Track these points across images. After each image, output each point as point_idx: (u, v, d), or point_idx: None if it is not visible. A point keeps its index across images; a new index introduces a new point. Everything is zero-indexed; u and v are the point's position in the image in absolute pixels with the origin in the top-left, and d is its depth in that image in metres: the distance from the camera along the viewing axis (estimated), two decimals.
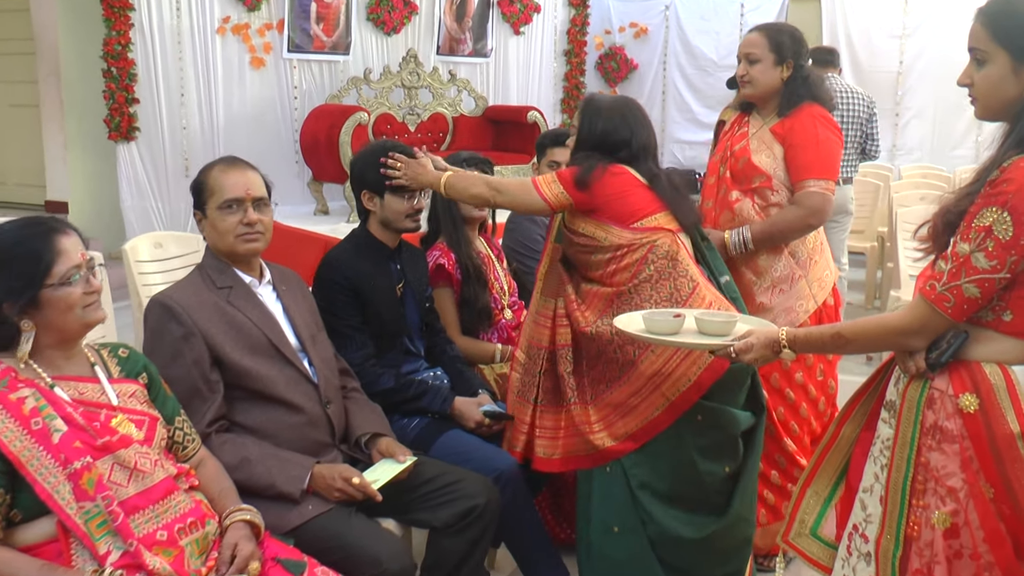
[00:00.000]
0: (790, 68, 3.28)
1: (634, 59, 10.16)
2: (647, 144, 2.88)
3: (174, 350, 2.43)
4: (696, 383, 2.66)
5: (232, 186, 2.55)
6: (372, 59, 7.84)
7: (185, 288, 2.55)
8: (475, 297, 3.45)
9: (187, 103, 6.89)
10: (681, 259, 2.77)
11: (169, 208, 6.92)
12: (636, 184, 2.83)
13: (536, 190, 2.82)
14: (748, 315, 2.65)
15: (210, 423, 2.43)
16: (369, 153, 3.12)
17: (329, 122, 6.67)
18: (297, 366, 2.57)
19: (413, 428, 3.00)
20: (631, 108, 2.92)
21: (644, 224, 2.78)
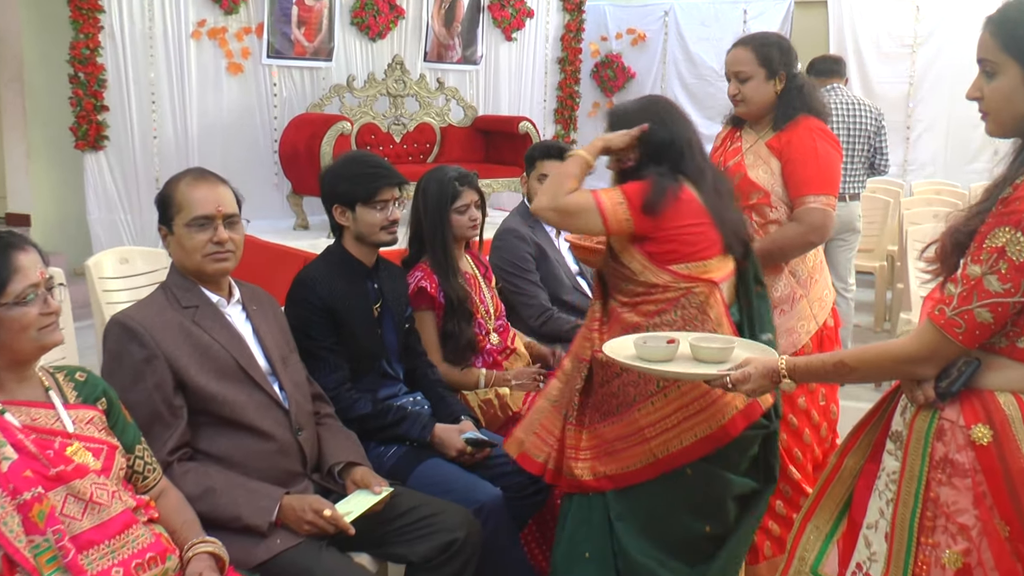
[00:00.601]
0: (783, 80, 3.29)
1: (631, 67, 10.21)
2: (689, 139, 2.76)
3: (135, 373, 2.41)
4: (686, 449, 2.60)
5: (201, 202, 2.53)
6: (356, 66, 7.85)
7: (147, 307, 2.53)
8: (459, 332, 3.44)
9: (159, 111, 6.88)
10: (713, 314, 2.67)
11: (139, 221, 6.90)
12: (699, 215, 2.69)
13: (600, 210, 2.62)
14: (748, 340, 2.62)
15: (172, 451, 2.41)
16: (338, 165, 3.13)
17: (310, 132, 6.67)
18: (267, 390, 2.55)
19: (390, 457, 2.97)
20: (661, 105, 2.82)
21: (688, 269, 2.66)
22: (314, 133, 6.60)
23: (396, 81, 7.71)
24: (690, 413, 2.60)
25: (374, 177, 3.06)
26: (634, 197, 2.63)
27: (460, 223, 3.52)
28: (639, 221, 2.62)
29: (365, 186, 3.05)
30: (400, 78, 7.74)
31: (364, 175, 3.06)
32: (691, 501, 2.66)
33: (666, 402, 2.62)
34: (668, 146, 2.71)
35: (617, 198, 2.63)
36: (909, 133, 9.17)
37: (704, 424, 2.59)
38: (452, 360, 3.48)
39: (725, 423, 2.60)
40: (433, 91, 8.05)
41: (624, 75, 10.18)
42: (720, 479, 2.66)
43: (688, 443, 2.60)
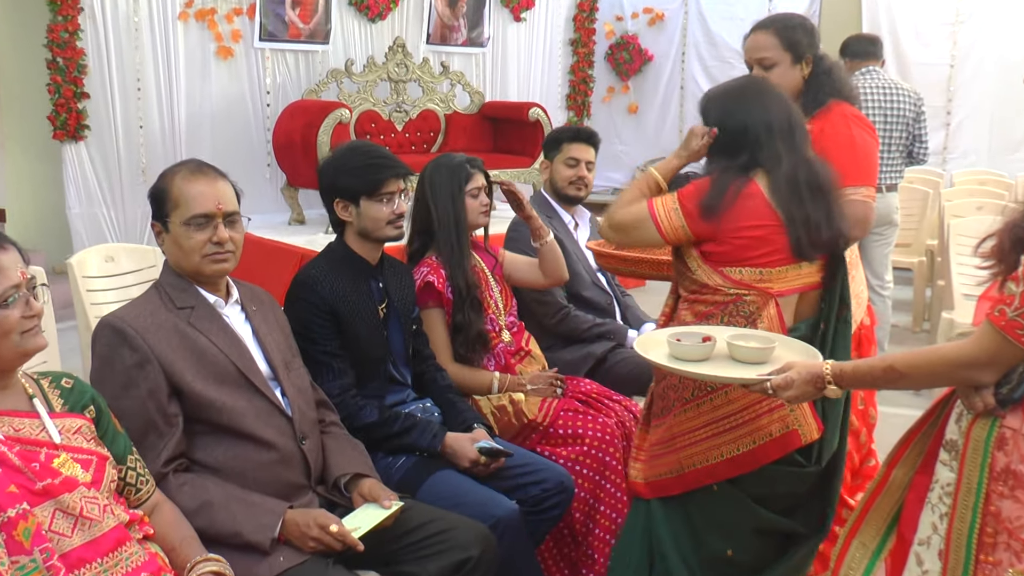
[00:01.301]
0: (809, 64, 3.29)
1: (648, 49, 10.19)
2: (770, 122, 2.71)
3: (126, 379, 2.41)
4: (711, 468, 2.62)
5: (200, 198, 2.53)
6: (354, 49, 7.86)
7: (140, 308, 2.52)
8: (469, 323, 3.45)
9: (144, 98, 6.89)
10: (760, 327, 2.66)
11: (123, 216, 6.92)
12: (762, 217, 2.65)
13: (653, 219, 2.66)
14: (789, 338, 2.59)
15: (167, 462, 2.40)
16: (339, 156, 3.13)
17: (305, 120, 6.67)
18: (268, 397, 2.55)
19: (399, 468, 2.97)
20: (749, 86, 2.84)
21: (741, 275, 2.65)
22: (310, 122, 6.60)
23: (397, 65, 7.72)
24: (720, 430, 2.59)
25: (379, 168, 3.06)
26: (688, 201, 2.64)
27: (473, 206, 3.54)
28: (695, 226, 2.64)
29: (369, 178, 3.05)
30: (402, 62, 7.74)
31: (368, 166, 3.06)
32: (715, 520, 2.68)
33: (698, 413, 2.62)
34: (742, 135, 2.70)
35: (671, 204, 2.66)
36: (950, 119, 9.13)
37: (733, 444, 2.58)
38: (463, 357, 3.48)
39: (755, 448, 2.59)
40: (437, 76, 8.05)
41: (641, 58, 10.17)
42: (744, 507, 2.65)
43: (713, 461, 2.61)
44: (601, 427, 3.39)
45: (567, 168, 4.18)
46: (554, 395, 3.52)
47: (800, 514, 2.74)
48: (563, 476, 3.11)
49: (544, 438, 3.39)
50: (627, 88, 10.32)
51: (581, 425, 3.39)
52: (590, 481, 3.32)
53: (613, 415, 3.50)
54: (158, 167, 6.59)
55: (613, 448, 3.36)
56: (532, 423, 3.39)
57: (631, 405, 3.62)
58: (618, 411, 3.54)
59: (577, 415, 3.43)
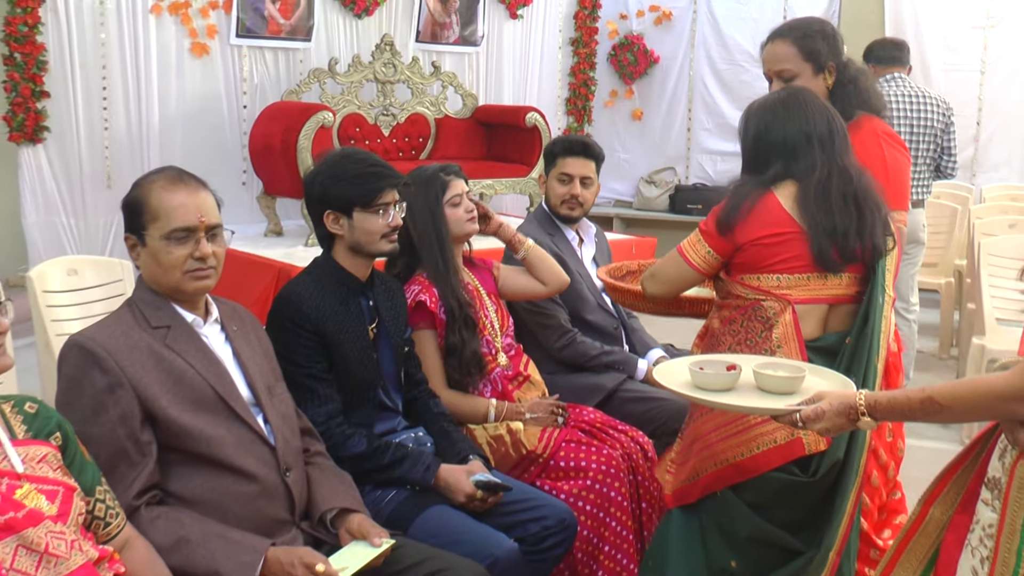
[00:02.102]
0: (833, 73, 3.33)
1: (655, 50, 10.23)
2: (809, 132, 2.91)
3: (96, 403, 2.41)
4: (718, 473, 2.79)
5: (181, 210, 2.53)
6: (339, 47, 7.87)
7: (111, 327, 2.53)
8: (462, 345, 3.46)
9: (111, 98, 6.89)
10: (776, 334, 2.82)
11: (84, 226, 6.90)
12: (781, 225, 2.88)
13: (684, 259, 3.00)
14: (819, 367, 2.64)
15: (139, 493, 2.40)
16: (330, 164, 3.14)
17: (285, 124, 6.68)
18: (250, 424, 2.56)
19: (389, 502, 2.98)
20: (790, 98, 2.98)
21: (759, 281, 2.89)
22: (290, 125, 6.60)
23: (385, 65, 7.74)
24: (729, 434, 2.72)
25: (375, 177, 3.07)
26: (707, 225, 2.94)
27: (457, 217, 3.56)
28: (717, 245, 2.92)
29: (365, 188, 3.06)
30: (389, 62, 7.76)
31: (363, 175, 3.07)
32: (718, 528, 2.86)
33: (711, 417, 2.77)
34: (780, 146, 2.89)
35: (694, 237, 2.97)
36: (980, 130, 9.17)
37: (737, 449, 2.72)
38: (456, 383, 3.49)
39: (759, 454, 2.72)
40: (427, 77, 8.07)
41: (646, 59, 10.20)
42: (741, 514, 2.79)
43: (721, 466, 2.77)
44: (606, 459, 3.39)
45: (559, 185, 4.18)
46: (555, 424, 3.52)
47: (804, 533, 2.82)
48: (565, 512, 3.11)
49: (544, 471, 3.40)
50: (631, 92, 10.35)
51: (584, 457, 3.40)
52: (593, 518, 3.32)
53: (619, 447, 3.51)
54: (124, 173, 6.73)
55: (619, 483, 3.37)
56: (531, 454, 3.40)
57: (638, 436, 3.63)
58: (624, 443, 3.54)
59: (580, 446, 3.44)
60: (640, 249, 7.39)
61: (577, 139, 4.28)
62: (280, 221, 7.16)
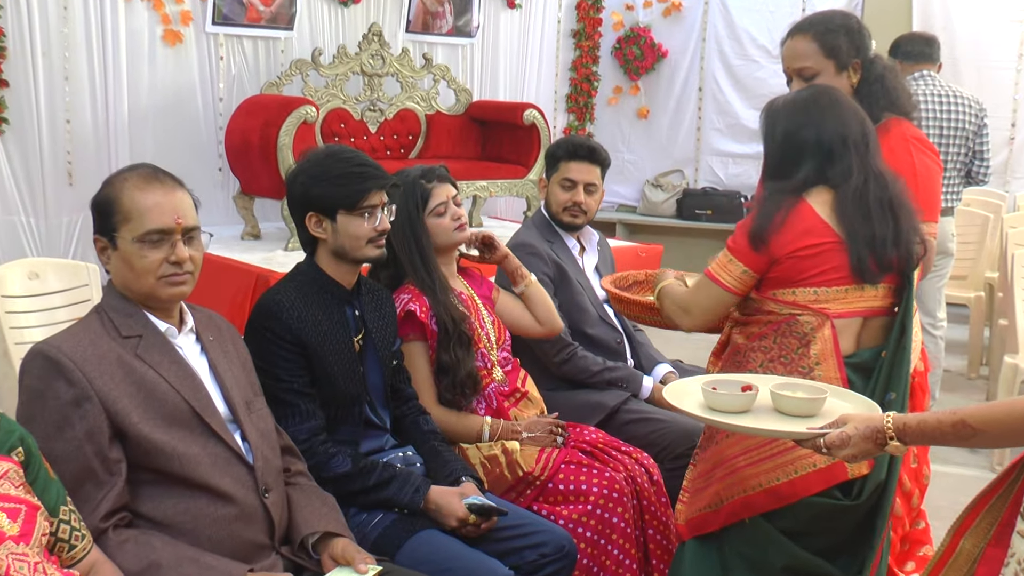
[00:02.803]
0: (858, 70, 3.34)
1: (663, 44, 10.24)
2: (845, 135, 2.93)
3: (61, 418, 2.42)
4: (748, 500, 2.76)
5: (156, 210, 2.54)
6: (323, 37, 7.88)
7: (78, 336, 2.53)
8: (456, 364, 3.48)
9: (74, 88, 6.88)
10: (814, 350, 2.83)
11: (45, 226, 6.88)
12: (818, 234, 2.88)
13: (717, 283, 2.95)
14: (842, 388, 2.66)
15: (107, 515, 2.41)
16: (313, 163, 3.15)
17: (264, 118, 6.68)
18: (226, 441, 2.57)
19: (375, 526, 2.99)
20: (822, 96, 2.99)
21: (795, 296, 2.88)
22: (269, 120, 6.61)
23: (372, 57, 7.75)
24: (759, 458, 2.69)
25: (360, 177, 3.09)
26: (737, 242, 2.90)
27: (442, 226, 3.58)
28: (752, 261, 2.89)
29: (350, 188, 3.08)
30: (377, 53, 7.77)
31: (348, 175, 3.09)
32: (745, 559, 2.82)
33: (737, 440, 2.73)
34: (814, 148, 2.88)
35: (724, 258, 2.94)
36: (1014, 132, 9.17)
37: (771, 474, 2.69)
38: (449, 401, 3.50)
39: (796, 479, 2.69)
40: (418, 70, 8.08)
41: (654, 53, 10.21)
42: (775, 543, 2.76)
43: (750, 492, 2.75)
44: (608, 483, 3.41)
45: (562, 191, 4.20)
46: (554, 444, 3.53)
47: (841, 559, 2.82)
48: (563, 539, 3.12)
49: (542, 494, 3.41)
50: (637, 88, 10.36)
51: (585, 480, 3.41)
52: (594, 545, 3.33)
53: (622, 469, 3.52)
54: (88, 170, 6.73)
55: (621, 507, 3.38)
56: (528, 476, 3.41)
57: (643, 458, 3.64)
58: (628, 464, 3.55)
59: (580, 468, 3.45)
60: (645, 257, 7.40)
61: (582, 142, 4.27)
62: (258, 223, 7.16)
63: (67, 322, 3.17)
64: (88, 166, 6.82)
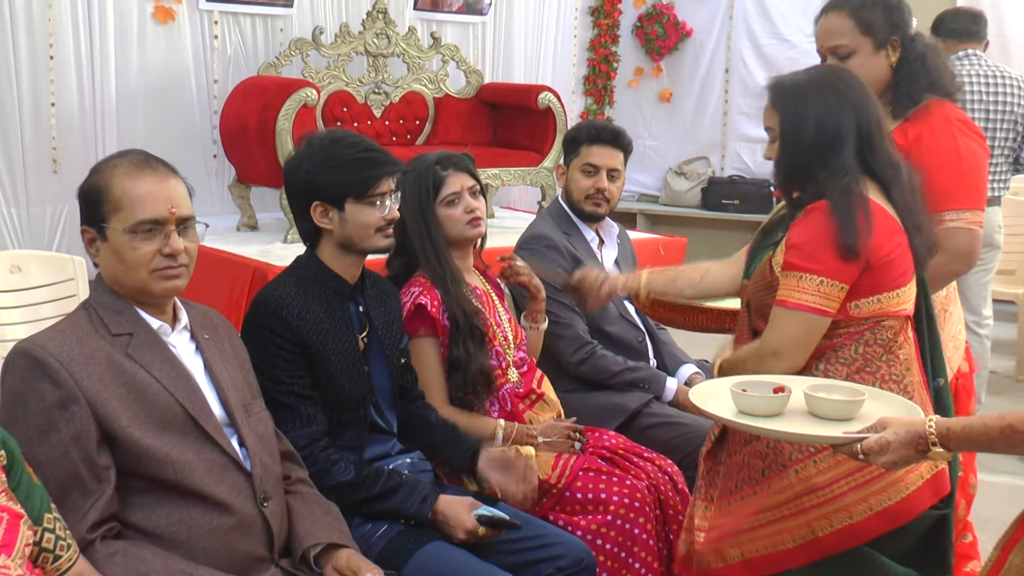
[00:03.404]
0: (897, 48, 3.33)
1: (687, 22, 10.22)
2: (879, 119, 2.88)
3: (45, 421, 2.42)
4: (857, 527, 2.66)
5: (149, 199, 2.54)
6: (324, 14, 7.89)
7: (65, 334, 2.53)
8: (468, 359, 3.47)
9: (59, 70, 6.89)
10: (903, 354, 2.80)
11: (27, 216, 6.90)
12: (898, 230, 2.83)
13: (814, 312, 2.72)
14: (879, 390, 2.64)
15: (94, 525, 2.40)
16: (318, 149, 3.14)
17: (262, 101, 6.69)
18: (223, 447, 2.56)
19: (380, 537, 2.98)
20: (840, 76, 2.93)
21: (880, 303, 2.79)
22: (267, 103, 6.62)
23: (377, 36, 7.74)
24: (866, 479, 2.63)
25: (370, 163, 3.08)
26: (820, 259, 2.71)
27: (453, 218, 3.57)
28: (849, 275, 2.72)
29: (359, 176, 3.07)
30: (382, 32, 7.77)
31: (357, 161, 3.08)
32: None
33: (833, 463, 2.65)
34: (850, 133, 2.80)
35: (811, 283, 2.72)
36: None
37: (883, 494, 2.63)
38: (460, 401, 3.51)
39: (911, 495, 2.65)
40: (425, 50, 8.08)
41: (677, 32, 10.19)
42: (878, 568, 2.69)
43: (860, 518, 2.65)
44: (629, 491, 3.41)
45: (583, 177, 4.19)
46: (571, 450, 3.53)
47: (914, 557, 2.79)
48: (582, 551, 3.12)
49: (559, 503, 3.41)
50: (659, 70, 10.34)
51: (604, 488, 3.41)
52: (614, 558, 3.33)
53: (644, 476, 3.52)
54: (74, 156, 6.75)
55: (643, 518, 3.38)
56: (544, 484, 3.40)
57: (667, 465, 3.63)
58: (650, 472, 3.55)
59: (600, 476, 3.46)
60: (668, 250, 7.39)
61: (605, 125, 4.28)
62: (255, 213, 7.17)
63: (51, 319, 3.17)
64: (74, 152, 6.84)
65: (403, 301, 3.44)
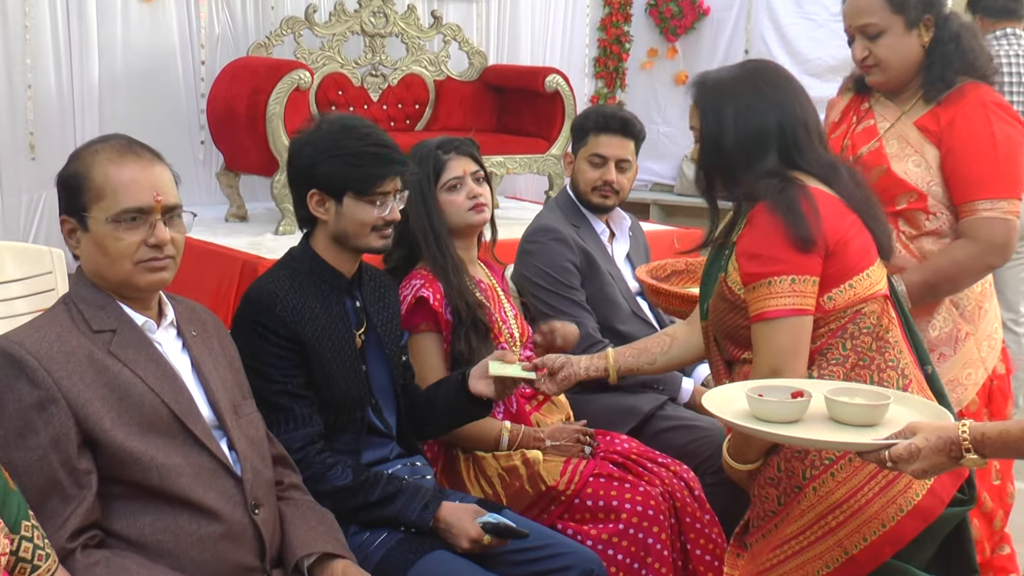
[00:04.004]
0: (930, 28, 3.32)
1: (704, 0, 10.21)
2: (805, 120, 2.83)
3: (22, 423, 2.42)
4: (893, 531, 2.63)
5: (133, 187, 2.54)
6: None
7: (43, 331, 2.53)
8: (470, 353, 3.47)
9: (36, 50, 6.89)
10: (892, 337, 2.77)
11: (2, 206, 6.90)
12: (846, 211, 2.80)
13: (784, 315, 2.67)
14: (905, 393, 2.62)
15: (74, 533, 2.40)
16: (325, 135, 3.15)
17: (252, 84, 6.69)
18: (211, 451, 2.57)
19: (379, 547, 2.99)
20: (763, 73, 2.89)
21: (853, 289, 2.74)
22: (258, 86, 6.62)
23: (374, 14, 7.75)
24: (889, 480, 2.62)
25: (377, 160, 3.08)
26: (788, 258, 2.68)
27: (455, 204, 3.59)
28: (813, 266, 2.69)
29: (364, 171, 3.07)
30: (380, 10, 7.77)
31: (364, 156, 3.08)
32: None
33: (854, 469, 2.63)
34: (772, 133, 2.78)
35: (784, 285, 2.68)
36: None
37: (908, 491, 2.61)
38: None
39: (932, 487, 2.62)
40: (426, 30, 8.08)
41: (694, 11, 10.18)
42: None
43: (892, 523, 2.62)
44: (642, 498, 3.41)
45: (591, 168, 4.20)
46: (581, 455, 3.53)
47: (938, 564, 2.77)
48: (592, 562, 3.12)
49: (568, 511, 3.42)
50: (674, 51, 10.33)
51: (616, 495, 3.42)
52: (627, 569, 3.35)
53: (658, 483, 3.52)
54: (52, 142, 6.76)
55: (657, 526, 3.39)
56: (552, 491, 3.42)
57: (682, 470, 3.63)
58: (665, 478, 3.56)
59: (611, 482, 3.46)
60: (683, 243, 7.38)
61: (614, 112, 4.26)
62: (244, 203, 7.17)
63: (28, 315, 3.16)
64: (52, 138, 6.84)
65: (403, 295, 3.44)
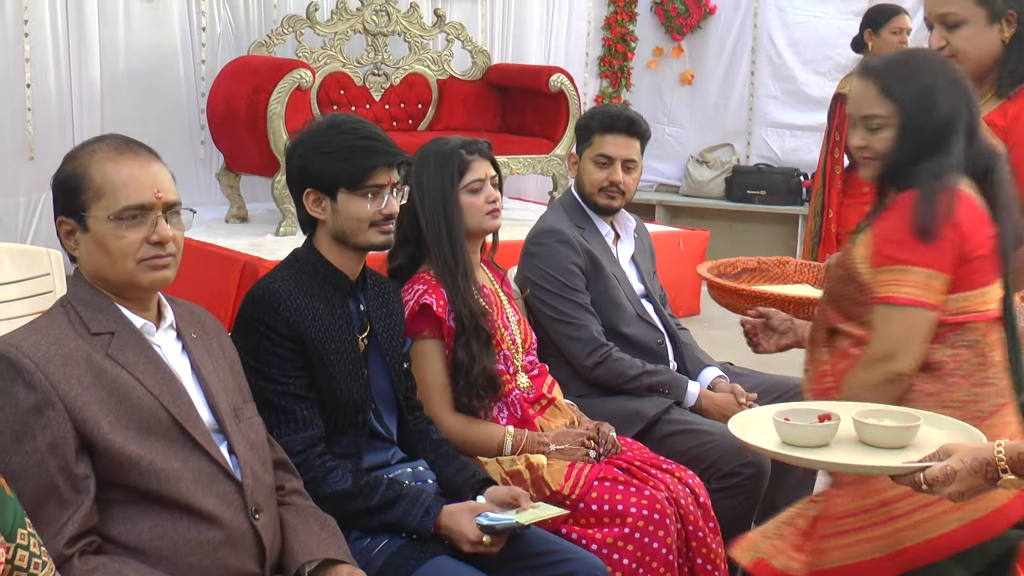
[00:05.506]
0: (1013, 23, 3.29)
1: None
2: (971, 120, 2.85)
3: (19, 427, 2.41)
4: (946, 538, 2.64)
5: (133, 184, 2.53)
6: None
7: (40, 333, 2.52)
8: (471, 361, 3.47)
9: (35, 50, 6.90)
10: (995, 359, 2.77)
11: (1, 206, 6.91)
12: (988, 224, 2.80)
13: (921, 305, 2.69)
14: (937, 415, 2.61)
15: (72, 539, 2.39)
16: (315, 133, 3.16)
17: (253, 83, 6.70)
18: (211, 455, 2.56)
19: (380, 552, 2.98)
20: (943, 60, 2.95)
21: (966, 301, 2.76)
22: (258, 85, 6.63)
23: (376, 12, 7.76)
24: None
25: (366, 152, 3.08)
26: (905, 245, 2.70)
27: (475, 206, 3.57)
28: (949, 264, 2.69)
29: (352, 164, 3.07)
30: (382, 8, 7.78)
31: (352, 148, 3.08)
32: None
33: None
34: (964, 115, 2.79)
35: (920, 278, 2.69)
36: None
37: (977, 503, 2.58)
38: (464, 406, 3.51)
39: (1000, 507, 2.62)
40: (429, 28, 8.09)
41: (700, 9, 10.18)
42: None
43: (948, 528, 2.63)
44: (648, 502, 3.40)
45: (596, 169, 4.17)
46: (586, 459, 3.53)
47: None
48: (596, 567, 3.12)
49: (572, 515, 3.40)
50: (680, 50, 10.34)
51: (621, 499, 3.41)
52: (631, 574, 3.33)
53: (663, 488, 3.51)
54: (51, 142, 6.77)
55: (663, 531, 3.38)
56: (557, 495, 3.40)
57: (688, 476, 3.62)
58: (670, 483, 3.54)
59: (616, 486, 3.45)
60: (689, 245, 7.39)
61: (620, 112, 4.24)
62: (245, 204, 7.19)
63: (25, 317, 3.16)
64: (51, 138, 6.86)
65: (404, 300, 3.43)
